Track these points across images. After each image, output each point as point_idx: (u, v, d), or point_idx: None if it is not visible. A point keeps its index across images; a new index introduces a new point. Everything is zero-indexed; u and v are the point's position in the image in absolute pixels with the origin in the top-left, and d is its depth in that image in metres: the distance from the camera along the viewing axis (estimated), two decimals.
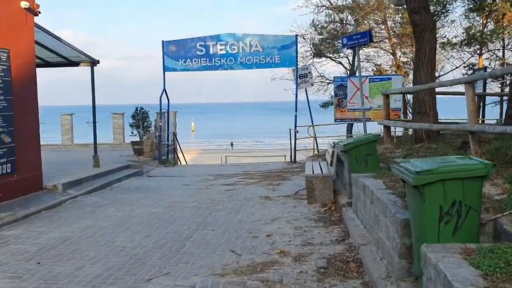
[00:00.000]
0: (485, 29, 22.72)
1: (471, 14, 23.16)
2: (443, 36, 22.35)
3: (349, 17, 21.33)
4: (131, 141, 17.49)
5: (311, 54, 22.21)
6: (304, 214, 7.54)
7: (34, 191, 9.59)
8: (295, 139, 16.12)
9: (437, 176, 3.31)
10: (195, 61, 16.77)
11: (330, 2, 21.26)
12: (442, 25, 22.29)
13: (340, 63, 22.10)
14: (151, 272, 4.96)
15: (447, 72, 22.27)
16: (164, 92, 16.92)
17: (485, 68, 16.95)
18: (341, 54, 22.25)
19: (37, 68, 13.57)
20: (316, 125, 17.55)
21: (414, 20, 8.97)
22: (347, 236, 6.13)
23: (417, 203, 3.52)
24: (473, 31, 23.24)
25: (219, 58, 16.72)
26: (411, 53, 23.75)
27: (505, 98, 22.05)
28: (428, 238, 3.40)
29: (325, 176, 8.32)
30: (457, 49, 23.31)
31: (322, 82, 21.76)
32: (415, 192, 3.50)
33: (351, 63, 21.06)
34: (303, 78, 17.59)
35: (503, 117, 20.40)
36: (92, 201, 9.42)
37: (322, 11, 20.95)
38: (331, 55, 21.91)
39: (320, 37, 21.84)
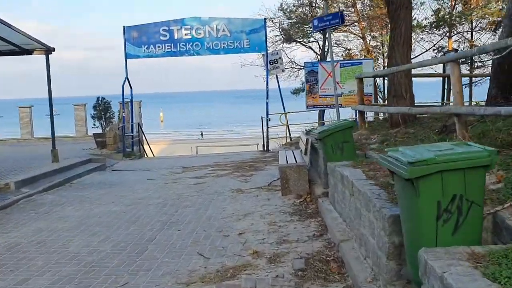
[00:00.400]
0: (454, 11, 22.63)
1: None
2: (413, 18, 22.11)
3: (318, 0, 20.81)
4: (93, 134, 16.61)
5: (280, 39, 21.63)
6: (278, 207, 7.02)
7: None
8: (267, 127, 15.60)
9: (435, 167, 2.81)
10: (158, 47, 15.95)
11: None
12: (412, 7, 22.04)
13: (311, 48, 21.64)
14: (106, 284, 4.34)
15: (418, 55, 22.10)
16: (127, 80, 16.06)
17: (455, 50, 16.77)
18: (311, 39, 21.77)
19: None
20: (288, 113, 17.05)
21: None
22: (325, 231, 5.64)
23: (410, 198, 3.03)
24: (442, 13, 23.15)
25: (184, 43, 15.95)
26: (380, 36, 23.51)
27: (474, 80, 22.17)
28: (424, 239, 2.92)
29: (300, 166, 7.81)
30: (427, 31, 23.19)
31: (293, 68, 21.26)
32: (408, 186, 2.99)
33: (321, 48, 20.59)
34: (274, 64, 17.03)
35: (473, 98, 20.33)
36: (48, 200, 8.65)
37: None
38: (301, 40, 21.36)
39: (289, 21, 21.27)
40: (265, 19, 16.18)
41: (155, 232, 6.08)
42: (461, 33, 23.35)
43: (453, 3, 22.01)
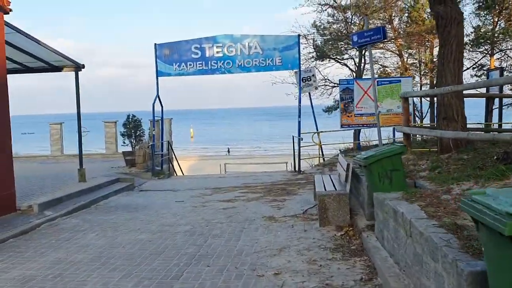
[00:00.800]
0: (496, 28, 21.62)
1: (482, 12, 22.07)
2: None
3: (354, 17, 20.17)
4: (122, 152, 16.30)
5: (312, 57, 21.06)
6: (317, 241, 6.34)
7: (5, 213, 8.39)
8: (299, 147, 14.94)
9: None
10: (190, 65, 15.62)
11: (334, 0, 20.11)
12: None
13: (345, 65, 20.96)
14: None
15: (465, 69, 21.06)
16: (158, 98, 15.75)
17: (501, 69, 15.78)
18: (346, 56, 21.11)
19: (16, 74, 12.52)
20: (321, 132, 16.36)
21: (438, 12, 7.81)
22: (374, 274, 4.93)
23: (508, 258, 2.34)
24: (483, 30, 22.17)
25: (215, 61, 15.57)
26: (417, 54, 22.67)
27: None
28: None
29: (340, 194, 7.12)
30: (467, 49, 22.19)
31: (326, 85, 20.60)
32: (505, 243, 2.31)
33: (357, 65, 19.91)
34: (306, 82, 16.45)
35: None
36: (71, 224, 8.21)
37: (325, 10, 19.81)
38: (335, 57, 20.73)
39: (323, 38, 20.70)
40: (298, 35, 15.67)
41: (182, 267, 5.50)
42: (504, 51, 22.27)
43: (496, 19, 21.02)
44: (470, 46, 22.05)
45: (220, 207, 9.27)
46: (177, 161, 18.82)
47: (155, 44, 15.69)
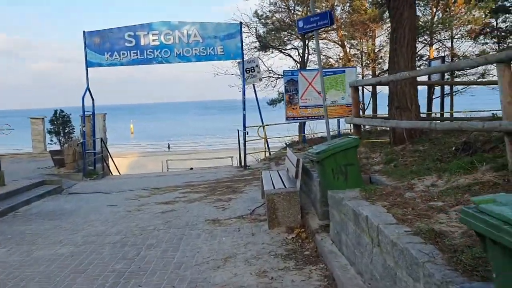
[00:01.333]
0: (435, 18, 21.87)
1: (421, 2, 22.27)
2: None
3: (296, 6, 19.61)
4: (49, 151, 14.83)
5: (255, 47, 20.34)
6: (266, 246, 5.63)
7: None
8: (245, 141, 14.19)
9: None
10: (123, 54, 14.39)
11: None
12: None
13: (289, 55, 20.38)
14: None
15: None
16: (88, 91, 14.42)
17: (442, 58, 15.81)
18: (289, 46, 20.55)
19: None
20: (267, 125, 15.72)
21: None
22: (334, 286, 4.27)
23: None
24: (422, 20, 22.38)
25: (152, 50, 14.45)
26: (360, 44, 22.51)
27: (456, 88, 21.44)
28: None
29: (290, 192, 6.44)
30: None
31: (270, 77, 19.95)
32: None
33: (301, 55, 19.37)
34: (250, 72, 15.72)
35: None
36: None
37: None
38: (278, 47, 20.12)
39: (266, 28, 20.02)
40: (240, 23, 14.84)
41: None
42: (442, 41, 22.64)
43: (433, 10, 21.25)
44: None
45: (158, 210, 8.34)
46: (112, 160, 17.52)
47: (84, 31, 14.33)
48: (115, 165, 17.41)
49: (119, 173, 17.41)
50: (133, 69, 14.03)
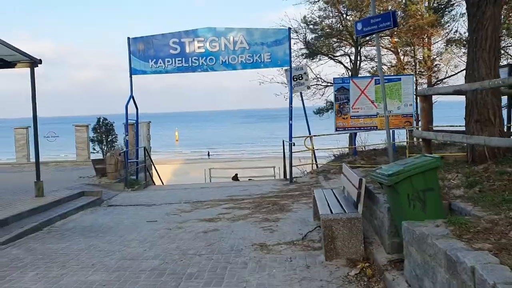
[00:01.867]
0: (506, 21, 20.26)
1: None
2: (455, 30, 19.78)
3: (348, 11, 18.64)
4: (92, 160, 14.54)
5: (303, 54, 19.51)
6: (325, 285, 4.77)
7: None
8: (291, 152, 13.35)
9: None
10: (168, 61, 13.94)
11: None
12: (452, 19, 19.72)
13: (340, 62, 19.41)
14: None
15: (457, 72, 19.71)
16: (132, 99, 14.05)
17: (510, 66, 14.38)
18: (339, 53, 19.57)
19: None
20: (314, 136, 14.83)
21: None
22: None
23: None
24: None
25: (197, 58, 13.93)
26: (412, 51, 21.22)
27: None
28: None
29: (352, 219, 5.55)
30: (461, 47, 20.84)
31: (318, 85, 19.05)
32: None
33: (353, 62, 18.38)
34: (298, 80, 14.93)
35: None
36: (9, 257, 6.49)
37: (316, 2, 18.18)
38: (329, 54, 19.19)
39: (314, 34, 19.17)
40: (289, 28, 14.06)
41: None
42: (505, 48, 20.96)
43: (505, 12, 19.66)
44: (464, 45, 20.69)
45: (200, 229, 7.62)
46: (156, 169, 17.10)
47: (128, 38, 13.99)
48: (158, 175, 16.98)
49: (162, 183, 16.97)
50: (176, 77, 13.66)
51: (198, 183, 16.31)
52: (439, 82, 19.85)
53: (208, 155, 53.11)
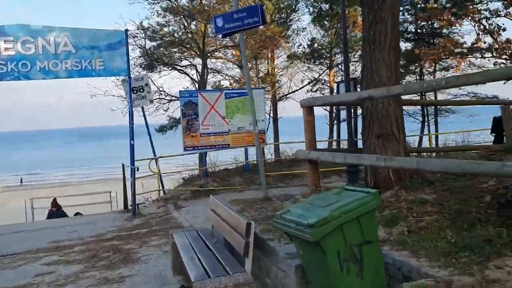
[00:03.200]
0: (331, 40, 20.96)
1: (315, 24, 21.31)
2: (297, 45, 19.78)
3: (192, 17, 17.00)
4: None
5: (141, 65, 17.30)
6: None
7: None
8: (134, 179, 11.05)
9: None
10: None
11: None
12: (295, 33, 19.69)
13: (186, 73, 17.62)
14: None
15: (302, 87, 19.68)
16: None
17: (354, 80, 14.46)
18: (184, 63, 17.80)
19: None
20: (160, 157, 12.77)
21: None
22: None
23: None
24: (316, 43, 21.40)
25: (4, 62, 10.74)
26: (255, 66, 20.63)
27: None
28: None
29: (240, 285, 3.76)
30: (304, 62, 21.13)
31: (162, 99, 16.98)
32: None
33: (200, 73, 16.72)
34: (138, 93, 12.75)
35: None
36: None
37: (156, 3, 16.11)
38: (173, 64, 17.27)
39: (154, 42, 17.11)
40: (126, 30, 11.80)
41: None
42: (339, 65, 21.81)
43: (333, 31, 20.31)
44: (305, 59, 20.99)
45: None
46: None
47: None
48: None
49: None
50: None
51: (12, 222, 12.72)
52: (283, 98, 19.58)
53: (21, 181, 46.76)
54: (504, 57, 15.89)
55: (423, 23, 19.91)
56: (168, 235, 8.33)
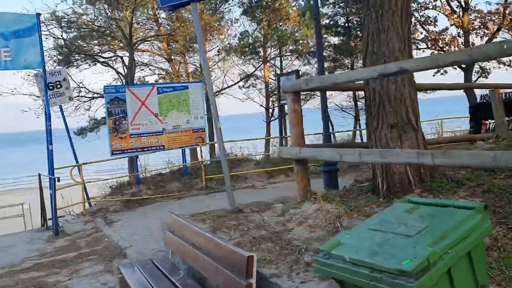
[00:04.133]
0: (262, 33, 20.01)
1: (246, 17, 20.24)
2: (232, 36, 18.56)
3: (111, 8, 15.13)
4: None
5: (55, 56, 15.09)
6: None
7: None
8: (54, 191, 9.21)
9: None
10: None
11: None
12: (227, 23, 18.46)
13: (110, 66, 15.59)
14: None
15: (237, 82, 18.50)
16: None
17: (297, 72, 13.55)
18: (107, 55, 15.78)
19: None
20: (85, 164, 10.94)
21: None
22: None
23: None
24: (247, 37, 20.39)
25: None
26: (183, 59, 19.09)
27: None
28: None
29: None
30: (239, 56, 20.00)
31: (82, 96, 14.89)
32: None
33: (127, 66, 14.80)
34: (55, 89, 10.84)
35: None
36: None
37: None
38: (95, 56, 15.22)
39: (68, 34, 14.93)
40: (38, 14, 9.86)
41: None
42: (272, 59, 20.95)
43: (265, 24, 19.34)
44: (240, 53, 19.90)
45: None
46: None
47: None
48: None
49: None
50: None
51: None
52: (217, 93, 18.29)
53: None
54: (438, 48, 15.89)
55: (353, 16, 19.61)
56: (103, 259, 6.81)
